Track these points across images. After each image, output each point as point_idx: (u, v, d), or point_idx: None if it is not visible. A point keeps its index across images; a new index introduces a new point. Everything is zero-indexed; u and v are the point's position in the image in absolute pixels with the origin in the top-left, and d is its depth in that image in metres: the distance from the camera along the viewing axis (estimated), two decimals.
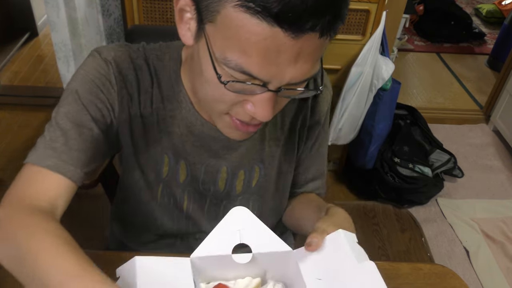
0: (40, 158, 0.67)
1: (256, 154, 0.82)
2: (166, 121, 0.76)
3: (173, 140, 0.77)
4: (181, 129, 0.76)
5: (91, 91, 0.70)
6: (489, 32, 3.91)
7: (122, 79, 0.72)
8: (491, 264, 1.88)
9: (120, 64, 0.72)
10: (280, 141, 0.83)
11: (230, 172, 0.81)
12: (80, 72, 0.71)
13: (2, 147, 2.28)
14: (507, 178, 2.36)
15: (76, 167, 0.69)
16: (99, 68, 0.71)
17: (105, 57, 0.71)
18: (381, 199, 2.13)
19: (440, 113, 2.84)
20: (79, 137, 0.70)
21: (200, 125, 0.76)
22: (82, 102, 0.70)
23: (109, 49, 0.72)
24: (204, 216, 0.86)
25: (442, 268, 0.84)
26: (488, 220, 2.08)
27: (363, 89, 1.78)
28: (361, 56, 1.73)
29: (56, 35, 2.44)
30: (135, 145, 0.78)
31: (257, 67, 0.53)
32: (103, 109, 0.71)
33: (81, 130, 0.70)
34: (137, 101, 0.74)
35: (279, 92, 0.57)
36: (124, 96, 0.73)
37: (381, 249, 1.93)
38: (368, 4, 1.67)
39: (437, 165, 2.18)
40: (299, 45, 0.52)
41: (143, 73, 0.74)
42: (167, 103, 0.75)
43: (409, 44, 3.64)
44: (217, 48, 0.55)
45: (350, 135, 1.95)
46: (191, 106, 0.75)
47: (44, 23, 3.36)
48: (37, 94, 2.71)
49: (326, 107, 0.87)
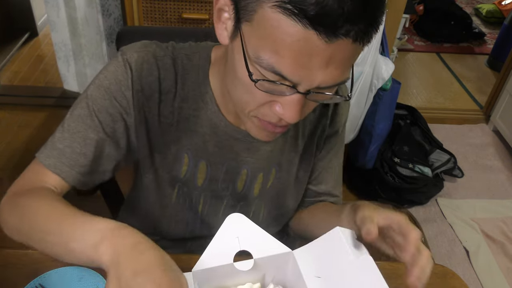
0: (44, 156, 0.72)
1: (276, 158, 0.82)
2: (188, 121, 0.76)
3: (195, 139, 0.77)
4: (205, 129, 0.77)
5: (104, 97, 0.72)
6: (489, 32, 3.91)
7: (140, 82, 0.72)
8: (491, 264, 1.88)
9: (141, 65, 0.72)
10: (299, 148, 0.84)
11: (250, 175, 0.82)
12: (99, 76, 0.73)
13: (2, 147, 2.28)
14: (507, 178, 2.36)
15: (72, 168, 0.72)
16: (117, 72, 0.72)
17: (127, 59, 0.72)
18: (381, 199, 2.13)
19: (440, 113, 2.84)
20: (83, 141, 0.72)
21: (224, 127, 0.76)
22: (93, 107, 0.72)
23: (134, 50, 0.73)
24: (219, 220, 0.85)
25: (442, 268, 0.84)
26: (488, 220, 2.08)
27: (363, 89, 1.78)
28: (361, 56, 1.72)
29: (56, 35, 2.45)
30: (151, 145, 0.78)
31: (288, 68, 0.54)
32: (115, 115, 0.73)
33: (87, 135, 0.72)
34: (157, 101, 0.74)
35: (308, 95, 0.58)
36: (140, 98, 0.73)
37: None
38: None
39: (437, 165, 2.18)
40: (331, 50, 0.52)
41: (167, 72, 0.74)
42: (191, 102, 0.75)
43: (409, 44, 3.65)
44: (251, 47, 0.56)
45: (350, 135, 1.95)
46: (217, 108, 0.75)
47: (44, 23, 3.36)
48: (37, 94, 2.71)
49: (344, 117, 0.87)
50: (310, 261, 0.66)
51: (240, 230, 0.64)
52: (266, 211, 0.87)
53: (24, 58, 3.06)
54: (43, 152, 0.72)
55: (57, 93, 2.69)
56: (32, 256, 0.79)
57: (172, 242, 0.90)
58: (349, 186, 2.22)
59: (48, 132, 0.74)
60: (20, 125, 2.44)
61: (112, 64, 0.73)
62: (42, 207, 0.65)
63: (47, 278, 0.74)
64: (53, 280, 0.74)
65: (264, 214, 0.87)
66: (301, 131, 0.83)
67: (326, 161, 0.89)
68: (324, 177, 0.91)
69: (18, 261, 0.78)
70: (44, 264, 0.77)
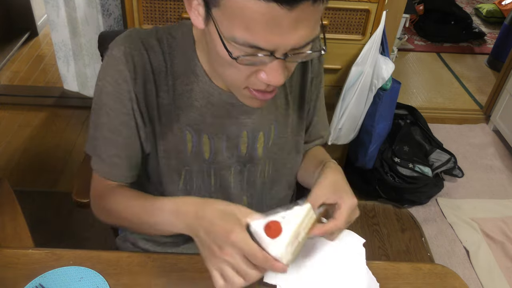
0: (98, 168, 0.83)
1: (271, 114, 0.85)
2: (183, 96, 0.79)
3: (193, 114, 0.80)
4: (200, 102, 0.79)
5: (115, 101, 0.77)
6: (489, 32, 3.91)
7: (134, 69, 0.75)
8: (491, 264, 1.88)
9: (130, 54, 0.75)
10: (289, 99, 0.87)
11: (251, 136, 0.84)
12: (102, 83, 0.77)
13: (2, 147, 2.28)
14: (507, 178, 2.36)
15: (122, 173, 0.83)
16: (113, 73, 0.76)
17: (116, 55, 0.75)
18: (381, 199, 2.13)
19: (440, 113, 2.84)
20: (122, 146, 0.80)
21: (218, 95, 0.79)
22: (111, 113, 0.78)
23: (120, 43, 0.76)
24: (232, 192, 0.89)
25: (442, 268, 0.84)
26: (488, 220, 2.08)
27: (363, 89, 1.78)
28: (361, 56, 1.73)
29: (56, 34, 2.45)
30: (155, 132, 0.80)
31: (262, 39, 0.59)
32: (129, 113, 0.77)
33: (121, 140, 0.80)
34: (153, 82, 0.77)
35: (286, 58, 0.62)
36: (140, 85, 0.77)
37: (381, 249, 1.93)
38: (368, 4, 1.67)
39: (437, 165, 2.18)
40: (295, 15, 0.57)
41: (155, 53, 0.77)
42: (183, 78, 0.78)
43: (409, 44, 3.65)
44: (224, 29, 0.61)
45: (350, 135, 1.95)
46: (207, 78, 0.78)
47: (44, 23, 3.36)
48: (37, 94, 2.72)
49: (322, 64, 0.92)
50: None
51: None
52: (273, 169, 0.90)
53: (24, 58, 3.06)
54: (96, 164, 0.83)
55: (57, 93, 2.69)
56: (32, 256, 0.79)
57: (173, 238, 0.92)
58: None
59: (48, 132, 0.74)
60: (20, 125, 2.44)
61: (106, 67, 0.77)
62: (118, 208, 0.79)
63: (47, 278, 0.74)
64: (53, 280, 0.74)
65: (271, 172, 0.90)
66: (288, 85, 0.87)
67: (313, 107, 0.94)
68: (316, 124, 0.97)
69: (18, 261, 0.78)
70: (44, 264, 0.77)
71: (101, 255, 0.80)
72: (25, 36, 3.21)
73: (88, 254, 0.80)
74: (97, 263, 0.78)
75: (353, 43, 1.78)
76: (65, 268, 0.76)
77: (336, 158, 2.22)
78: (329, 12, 1.70)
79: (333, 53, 1.80)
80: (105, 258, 0.80)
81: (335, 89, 1.91)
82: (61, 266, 0.76)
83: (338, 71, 1.86)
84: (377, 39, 1.69)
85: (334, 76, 1.88)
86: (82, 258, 0.79)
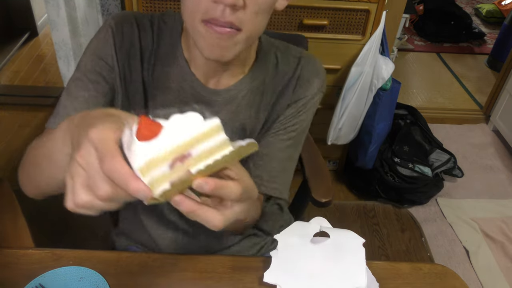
0: (52, 123, 0.78)
1: (238, 121, 0.84)
2: (161, 78, 0.81)
3: (168, 96, 0.82)
4: (175, 85, 0.81)
5: (92, 59, 0.79)
6: (489, 32, 3.91)
7: (121, 39, 0.79)
8: (491, 264, 1.88)
9: (121, 24, 0.79)
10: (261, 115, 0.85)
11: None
12: (87, 45, 0.81)
13: (2, 147, 2.28)
14: (507, 178, 2.36)
15: None
16: (99, 35, 0.80)
17: (108, 23, 0.80)
18: (381, 199, 2.13)
19: (440, 113, 2.84)
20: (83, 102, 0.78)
21: (191, 81, 0.80)
22: (84, 69, 0.79)
23: (115, 14, 0.81)
24: None
25: (442, 268, 0.84)
26: (488, 220, 2.08)
27: (363, 89, 1.78)
28: (361, 56, 1.73)
29: (56, 34, 2.45)
30: (132, 102, 0.82)
31: None
32: (103, 72, 0.79)
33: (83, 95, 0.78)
34: (139, 58, 0.80)
35: None
36: (124, 55, 0.79)
37: (381, 249, 1.93)
38: (368, 4, 1.67)
39: (437, 165, 2.18)
40: None
41: (146, 33, 0.81)
42: (165, 60, 0.81)
43: (409, 44, 3.65)
44: None
45: (350, 135, 1.95)
46: (185, 63, 0.80)
47: (44, 22, 3.36)
48: (37, 94, 2.71)
49: (309, 92, 0.85)
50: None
51: None
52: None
53: (24, 58, 3.06)
54: (50, 121, 0.79)
55: (57, 93, 2.69)
56: (32, 256, 0.79)
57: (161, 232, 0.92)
58: (349, 186, 2.22)
59: None
60: (20, 125, 2.44)
61: (97, 32, 0.81)
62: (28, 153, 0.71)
63: (47, 278, 0.74)
64: (53, 280, 0.74)
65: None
66: (263, 103, 0.85)
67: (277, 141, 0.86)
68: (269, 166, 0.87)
69: (18, 261, 0.78)
70: (44, 264, 0.77)
71: (101, 255, 0.80)
72: (25, 36, 3.21)
73: (88, 254, 0.80)
74: (97, 263, 0.78)
75: (353, 43, 1.78)
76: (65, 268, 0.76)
77: (336, 158, 2.22)
78: (329, 12, 1.70)
79: (333, 53, 1.80)
80: (105, 258, 0.80)
81: (335, 89, 1.91)
82: (61, 266, 0.76)
83: (338, 71, 1.86)
84: (377, 39, 1.69)
85: (334, 76, 1.88)
86: (82, 258, 0.79)
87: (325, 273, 0.75)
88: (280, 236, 0.78)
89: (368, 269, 0.77)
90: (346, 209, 2.11)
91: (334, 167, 2.26)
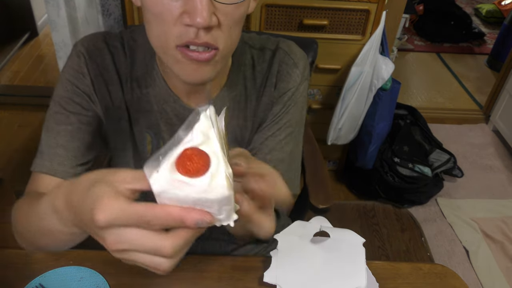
0: (38, 166, 0.75)
1: (229, 134, 0.82)
2: (141, 100, 0.78)
3: (151, 118, 0.79)
4: (156, 107, 0.79)
5: (67, 89, 0.75)
6: (489, 32, 3.91)
7: (96, 67, 0.75)
8: (491, 264, 1.88)
9: (93, 52, 0.75)
10: (248, 127, 0.83)
11: None
12: (60, 76, 0.77)
13: (2, 147, 2.28)
14: (507, 178, 2.36)
15: (63, 166, 0.75)
16: (72, 64, 0.76)
17: (79, 50, 0.76)
18: (381, 199, 2.13)
19: (440, 113, 2.84)
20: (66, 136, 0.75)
21: (173, 102, 0.77)
22: (60, 102, 0.75)
23: (84, 40, 0.77)
24: None
25: (442, 268, 0.84)
26: (488, 220, 2.08)
27: (363, 89, 1.78)
28: (361, 56, 1.73)
29: (56, 34, 2.45)
30: (118, 128, 0.80)
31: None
32: (82, 102, 0.76)
33: (65, 129, 0.75)
34: (118, 84, 0.77)
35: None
36: (101, 83, 0.76)
37: (381, 249, 1.93)
38: (368, 4, 1.67)
39: (437, 165, 2.18)
40: None
41: (119, 56, 0.77)
42: (142, 81, 0.78)
43: (409, 44, 3.65)
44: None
45: (350, 135, 1.95)
46: (164, 83, 0.77)
47: (44, 23, 3.36)
48: (37, 94, 2.71)
49: (291, 83, 0.82)
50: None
51: None
52: None
53: (24, 58, 3.06)
54: (36, 163, 0.75)
55: None
56: (32, 256, 0.79)
57: None
58: (349, 186, 2.22)
59: None
60: (20, 125, 2.44)
61: (68, 60, 0.77)
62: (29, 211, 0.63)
63: (47, 278, 0.74)
64: (53, 280, 0.74)
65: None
66: (249, 110, 0.82)
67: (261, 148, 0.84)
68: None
69: (18, 261, 0.78)
70: (44, 264, 0.77)
71: (101, 255, 0.80)
72: (25, 36, 3.21)
73: (88, 254, 0.80)
74: (97, 263, 0.78)
75: (353, 43, 1.78)
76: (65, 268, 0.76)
77: (336, 158, 2.22)
78: (329, 12, 1.70)
79: (333, 53, 1.80)
80: (105, 258, 0.80)
81: (335, 89, 1.91)
82: (61, 266, 0.76)
83: (338, 71, 1.86)
84: (377, 39, 1.69)
85: (334, 76, 1.88)
86: (82, 258, 0.79)
87: (325, 273, 0.75)
88: (280, 236, 0.78)
89: (368, 269, 0.77)
90: (346, 209, 2.11)
91: (334, 167, 2.26)
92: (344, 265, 0.76)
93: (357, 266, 0.76)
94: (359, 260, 0.76)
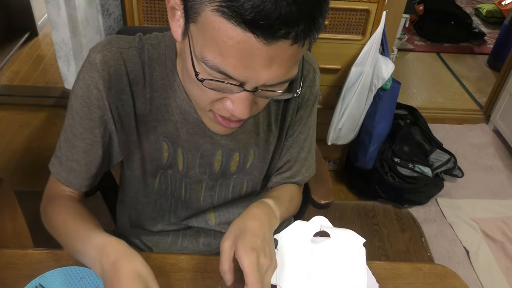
0: (55, 171, 0.82)
1: (251, 139, 0.84)
2: (160, 109, 0.78)
3: (169, 127, 0.79)
4: (176, 117, 0.78)
5: (83, 105, 0.75)
6: (489, 32, 3.91)
7: (109, 80, 0.74)
8: (491, 264, 1.88)
9: (107, 63, 0.73)
10: (273, 129, 0.86)
11: (225, 155, 0.83)
12: (75, 85, 0.76)
13: (2, 147, 2.28)
14: (507, 178, 2.36)
15: (78, 179, 0.81)
16: (86, 79, 0.74)
17: (93, 61, 0.73)
18: (381, 199, 2.13)
19: (440, 113, 2.84)
20: (81, 152, 0.79)
21: (194, 113, 0.77)
22: (76, 117, 0.77)
23: (98, 50, 0.74)
24: (200, 205, 0.89)
25: (442, 268, 0.84)
26: (488, 220, 2.08)
27: (363, 89, 1.78)
28: (361, 56, 1.73)
29: (56, 34, 2.44)
30: (130, 141, 0.80)
31: (232, 68, 0.56)
32: (96, 120, 0.76)
33: (80, 144, 0.79)
34: (130, 93, 0.76)
35: (256, 92, 0.60)
36: (113, 97, 0.75)
37: (381, 249, 1.93)
38: (368, 4, 1.67)
39: (437, 165, 2.18)
40: (272, 51, 0.54)
41: (133, 63, 0.75)
42: (161, 91, 0.76)
43: (409, 44, 3.65)
44: (197, 47, 0.58)
45: (350, 135, 1.95)
46: (185, 95, 0.76)
47: (44, 23, 3.36)
48: (37, 94, 2.71)
49: (314, 89, 0.86)
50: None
51: None
52: (249, 187, 0.90)
53: (24, 58, 3.06)
54: (54, 166, 0.82)
55: (57, 93, 2.69)
56: (32, 256, 0.79)
57: (159, 236, 0.94)
58: (349, 186, 2.22)
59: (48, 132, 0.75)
60: (20, 125, 2.44)
61: (82, 71, 0.75)
62: (57, 220, 0.78)
63: (47, 278, 0.74)
64: (53, 280, 0.74)
65: (246, 190, 0.90)
66: (274, 110, 0.84)
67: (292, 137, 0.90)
68: (283, 155, 0.91)
69: (18, 261, 0.78)
70: (44, 264, 0.77)
71: None
72: (25, 36, 3.21)
73: None
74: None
75: (353, 43, 1.78)
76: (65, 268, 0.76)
77: (336, 158, 2.22)
78: (329, 12, 1.70)
79: (333, 53, 1.80)
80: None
81: (335, 89, 1.91)
82: (61, 266, 0.76)
83: (338, 71, 1.86)
84: (377, 39, 1.69)
85: (334, 76, 1.88)
86: None
87: (325, 273, 0.75)
88: (280, 235, 0.78)
89: (368, 269, 0.77)
90: (346, 209, 2.11)
91: (334, 167, 2.26)
92: (344, 265, 0.76)
93: (357, 266, 0.76)
94: (359, 260, 0.76)
